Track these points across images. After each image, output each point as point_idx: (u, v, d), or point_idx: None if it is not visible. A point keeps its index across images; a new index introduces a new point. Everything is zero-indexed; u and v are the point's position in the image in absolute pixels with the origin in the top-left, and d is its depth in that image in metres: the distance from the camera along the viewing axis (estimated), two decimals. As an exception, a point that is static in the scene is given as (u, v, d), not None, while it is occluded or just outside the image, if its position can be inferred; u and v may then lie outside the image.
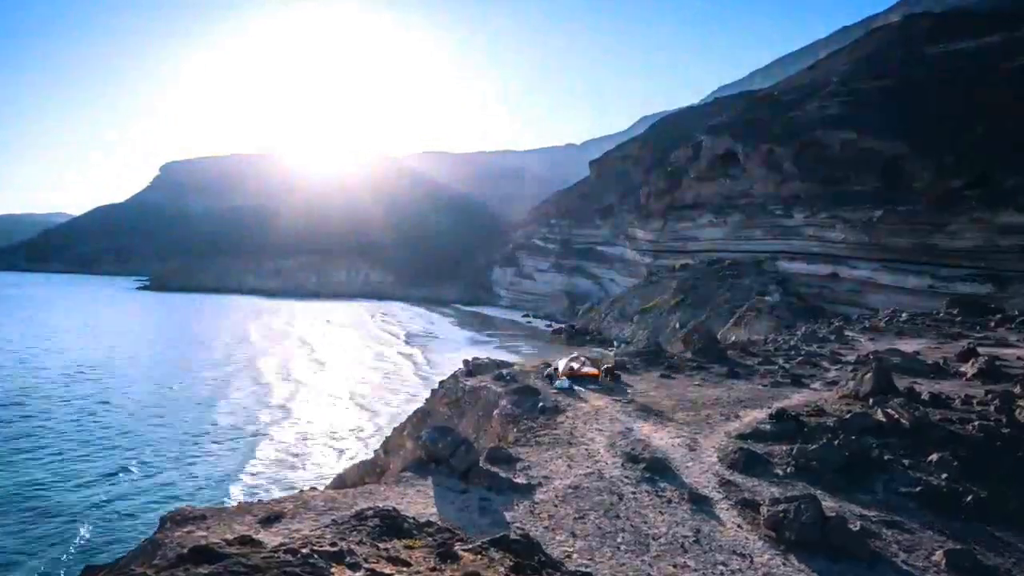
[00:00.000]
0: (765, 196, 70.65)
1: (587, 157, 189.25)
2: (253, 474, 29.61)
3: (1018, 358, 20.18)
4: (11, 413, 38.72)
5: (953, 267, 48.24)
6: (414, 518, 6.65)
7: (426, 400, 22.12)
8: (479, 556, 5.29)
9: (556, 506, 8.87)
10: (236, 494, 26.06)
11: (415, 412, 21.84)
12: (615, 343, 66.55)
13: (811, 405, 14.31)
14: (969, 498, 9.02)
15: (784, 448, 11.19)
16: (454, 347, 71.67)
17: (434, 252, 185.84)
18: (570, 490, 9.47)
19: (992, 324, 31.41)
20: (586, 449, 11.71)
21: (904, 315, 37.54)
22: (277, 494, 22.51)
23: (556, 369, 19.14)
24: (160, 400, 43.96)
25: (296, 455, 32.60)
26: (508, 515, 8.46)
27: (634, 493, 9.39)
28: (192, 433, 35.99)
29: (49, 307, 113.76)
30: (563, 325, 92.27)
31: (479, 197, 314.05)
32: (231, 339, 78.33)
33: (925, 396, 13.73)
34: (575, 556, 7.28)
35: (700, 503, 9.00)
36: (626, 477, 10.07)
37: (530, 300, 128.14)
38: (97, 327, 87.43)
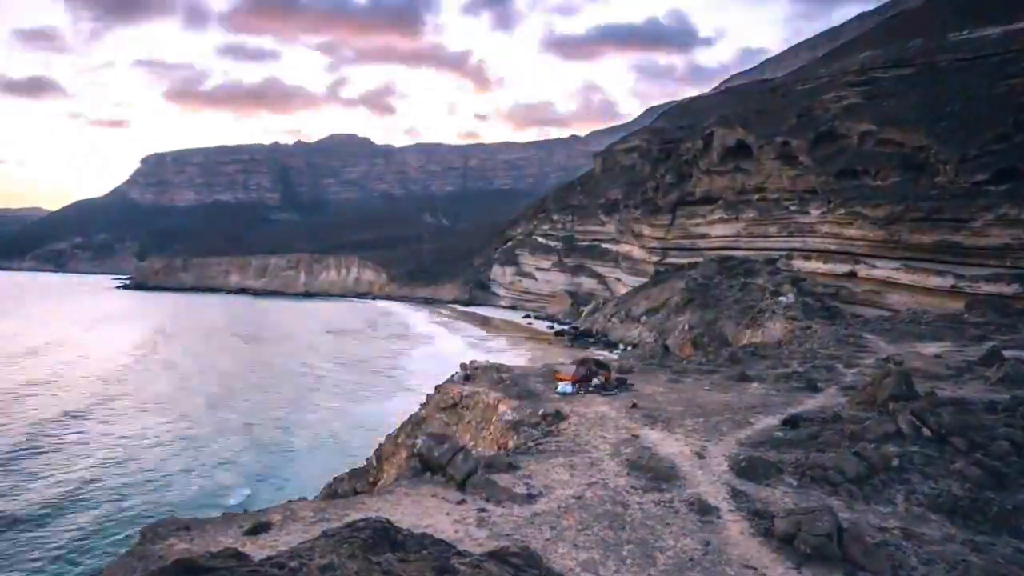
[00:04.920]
0: (779, 191, 70.60)
1: (591, 149, 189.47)
2: (241, 482, 29.64)
3: (1045, 362, 20.16)
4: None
5: (977, 266, 48.13)
6: (409, 530, 6.66)
7: (421, 406, 22.11)
8: (477, 570, 5.30)
9: (558, 517, 8.87)
10: (222, 503, 26.06)
11: (409, 419, 21.85)
12: (620, 345, 66.71)
13: (827, 411, 14.34)
14: (995, 509, 9.02)
15: (798, 456, 11.19)
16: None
17: (429, 249, 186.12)
18: (573, 500, 9.48)
19: (1018, 326, 31.45)
20: (590, 457, 11.72)
21: (925, 316, 37.60)
22: (264, 503, 22.50)
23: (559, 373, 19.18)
24: (153, 405, 44.01)
25: (287, 461, 32.64)
26: (507, 526, 8.46)
27: (640, 503, 9.40)
28: (183, 438, 36.04)
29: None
30: (566, 327, 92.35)
31: (477, 192, 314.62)
32: (222, 343, 78.36)
33: (947, 402, 13.74)
34: (578, 570, 7.29)
35: (709, 514, 9.01)
36: (631, 486, 10.08)
37: (531, 300, 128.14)
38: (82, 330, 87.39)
